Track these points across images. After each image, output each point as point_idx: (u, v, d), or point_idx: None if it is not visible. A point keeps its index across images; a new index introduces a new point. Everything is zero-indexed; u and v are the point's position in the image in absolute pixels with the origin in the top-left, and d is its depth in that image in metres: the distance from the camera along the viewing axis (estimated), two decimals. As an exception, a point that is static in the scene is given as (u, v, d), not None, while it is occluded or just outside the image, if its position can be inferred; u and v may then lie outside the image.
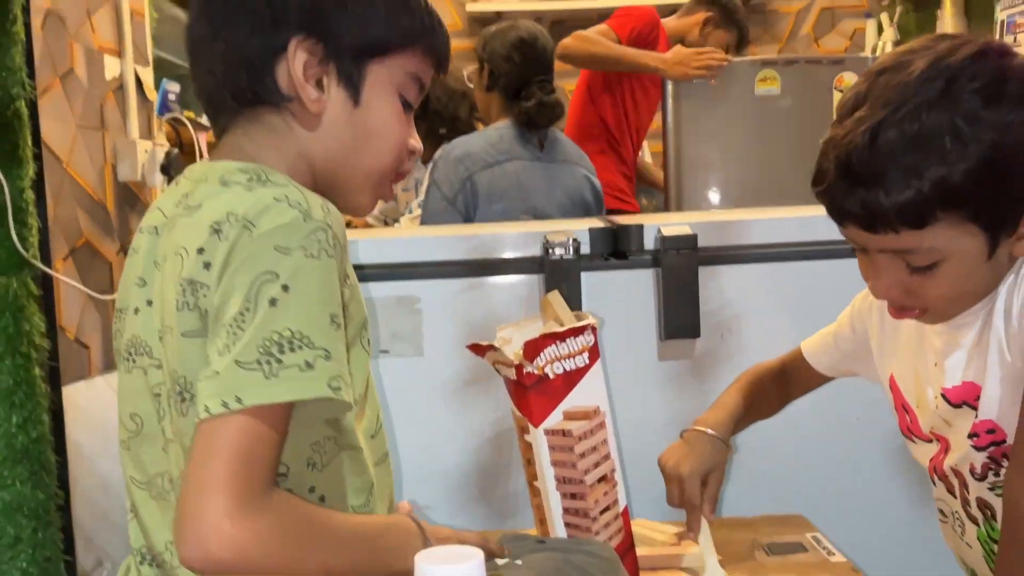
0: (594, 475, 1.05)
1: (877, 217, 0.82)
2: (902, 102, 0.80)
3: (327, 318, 0.74)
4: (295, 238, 0.75)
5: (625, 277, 1.55)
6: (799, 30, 4.20)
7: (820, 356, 1.18)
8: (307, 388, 0.72)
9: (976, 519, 0.96)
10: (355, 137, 0.87)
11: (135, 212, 1.99)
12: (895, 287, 0.87)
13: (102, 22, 1.87)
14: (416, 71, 0.90)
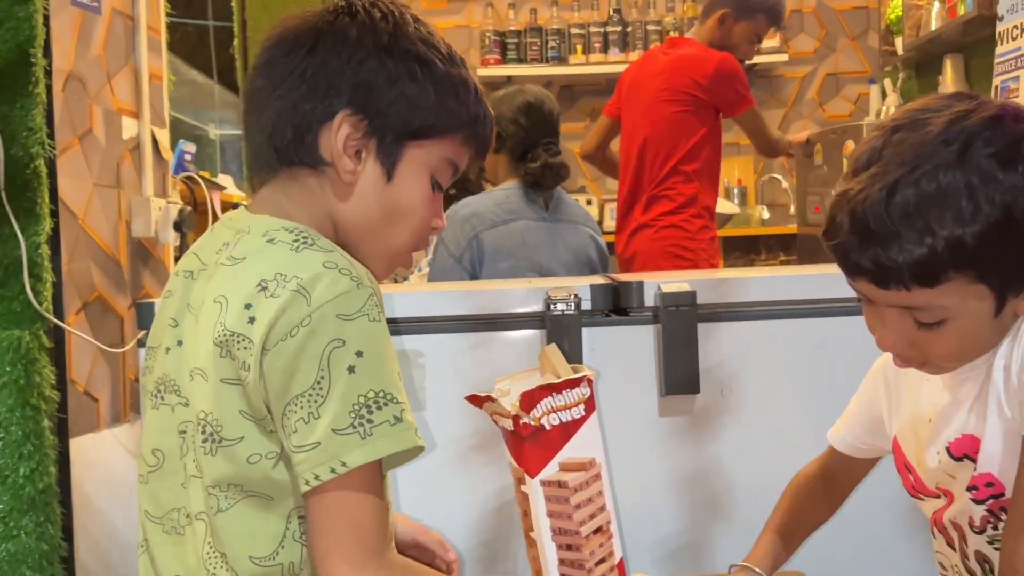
0: (590, 526, 1.05)
1: (890, 274, 0.83)
2: (919, 162, 0.82)
3: (397, 374, 0.81)
4: (354, 305, 0.80)
5: (626, 333, 1.57)
6: (804, 95, 4.27)
7: (847, 440, 1.16)
8: (401, 440, 0.79)
9: (974, 572, 0.96)
10: (382, 211, 0.91)
11: (147, 268, 2.04)
12: (901, 342, 0.89)
13: (121, 85, 1.94)
14: (453, 157, 0.94)
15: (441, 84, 0.90)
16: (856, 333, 1.54)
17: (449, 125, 0.91)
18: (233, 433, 0.81)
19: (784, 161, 4.26)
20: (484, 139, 0.96)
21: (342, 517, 0.77)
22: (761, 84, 4.27)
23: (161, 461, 0.87)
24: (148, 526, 0.88)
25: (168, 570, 0.86)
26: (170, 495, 0.86)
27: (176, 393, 0.86)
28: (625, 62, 4.05)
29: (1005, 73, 1.87)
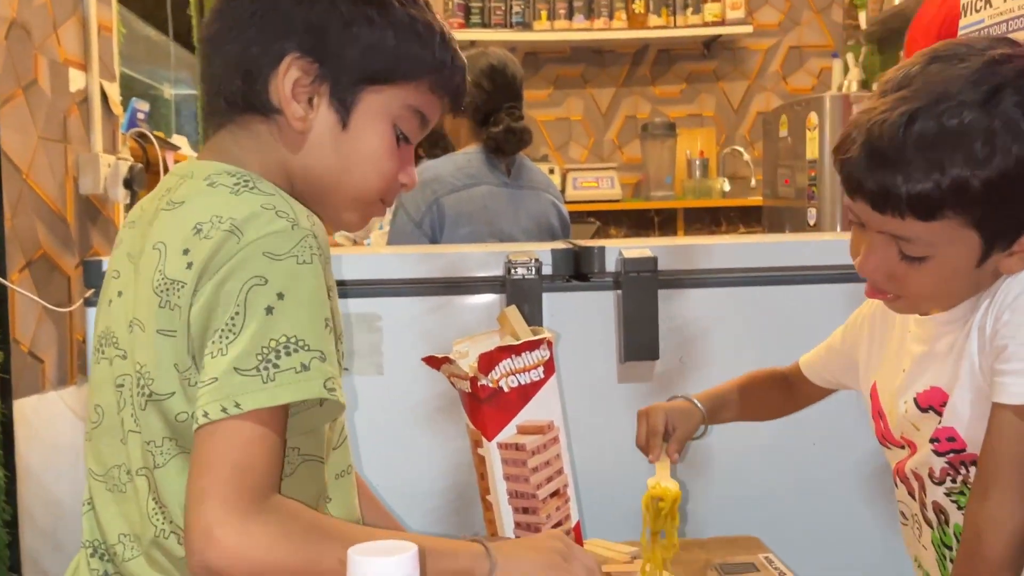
0: (546, 490, 1.04)
1: (889, 199, 0.83)
2: (945, 96, 0.81)
3: (321, 321, 0.76)
4: (285, 245, 0.76)
5: (586, 299, 1.55)
6: (768, 67, 4.28)
7: (815, 368, 1.19)
8: (303, 389, 0.73)
9: (931, 522, 0.97)
10: (338, 161, 0.87)
11: (96, 226, 1.97)
12: (881, 269, 0.89)
13: (68, 35, 1.87)
14: (418, 105, 0.89)
15: (401, 27, 0.85)
16: (815, 301, 1.56)
17: (411, 70, 0.86)
18: (165, 388, 0.77)
19: (746, 133, 4.27)
20: (454, 87, 0.90)
21: (227, 457, 0.70)
22: (725, 56, 4.27)
23: (102, 417, 0.84)
24: (93, 484, 0.85)
25: (112, 528, 0.83)
26: (111, 452, 0.83)
27: (115, 345, 0.83)
28: (590, 29, 4.01)
29: (968, 45, 1.87)
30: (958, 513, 0.93)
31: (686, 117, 4.26)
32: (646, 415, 1.13)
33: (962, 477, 0.92)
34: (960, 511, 0.93)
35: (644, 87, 4.26)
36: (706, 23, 4.03)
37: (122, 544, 0.82)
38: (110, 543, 0.83)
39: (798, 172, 2.96)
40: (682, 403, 1.16)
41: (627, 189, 4.21)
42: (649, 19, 4.04)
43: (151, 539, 0.80)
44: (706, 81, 4.28)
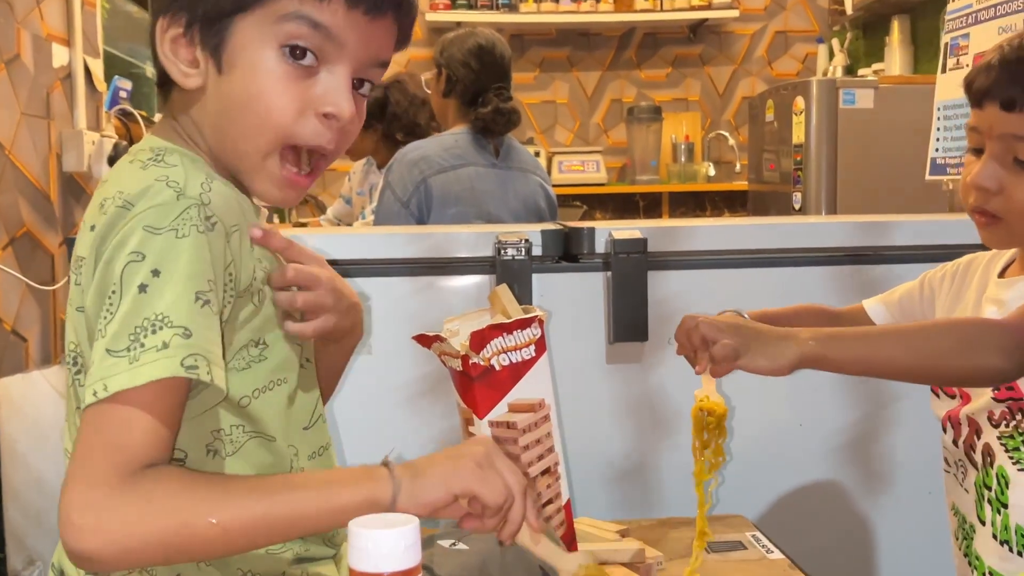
0: (538, 467, 1.04)
1: (1017, 95, 0.90)
2: None
3: (191, 296, 0.71)
4: (166, 218, 0.72)
5: (575, 279, 1.55)
6: (754, 52, 4.28)
7: (880, 311, 1.19)
8: (160, 368, 0.69)
9: (976, 464, 1.01)
10: (223, 111, 0.79)
11: (80, 204, 1.95)
12: (992, 178, 0.94)
13: (51, 9, 1.84)
14: (297, 9, 0.76)
15: None
16: (801, 282, 1.57)
17: None
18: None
19: (731, 118, 4.28)
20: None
21: (93, 441, 0.68)
22: (711, 40, 4.26)
23: (71, 398, 0.83)
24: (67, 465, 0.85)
25: None
26: (72, 430, 0.82)
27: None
28: (576, 11, 4.00)
29: (956, 30, 1.88)
30: (1004, 455, 0.97)
31: (672, 101, 4.26)
32: (692, 322, 1.07)
33: (1015, 423, 0.95)
34: (1007, 454, 0.97)
35: (630, 71, 4.26)
36: (692, 7, 4.03)
37: None
38: None
39: (783, 157, 2.96)
40: (730, 316, 1.11)
41: (612, 173, 4.21)
42: (635, 2, 4.03)
43: None
44: (692, 65, 4.28)
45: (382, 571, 0.49)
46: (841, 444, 1.56)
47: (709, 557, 1.19)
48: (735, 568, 1.16)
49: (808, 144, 2.79)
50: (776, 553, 1.19)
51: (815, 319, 1.21)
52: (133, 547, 0.68)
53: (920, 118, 2.07)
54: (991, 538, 0.98)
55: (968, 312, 1.04)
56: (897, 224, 1.58)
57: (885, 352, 0.87)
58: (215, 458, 0.81)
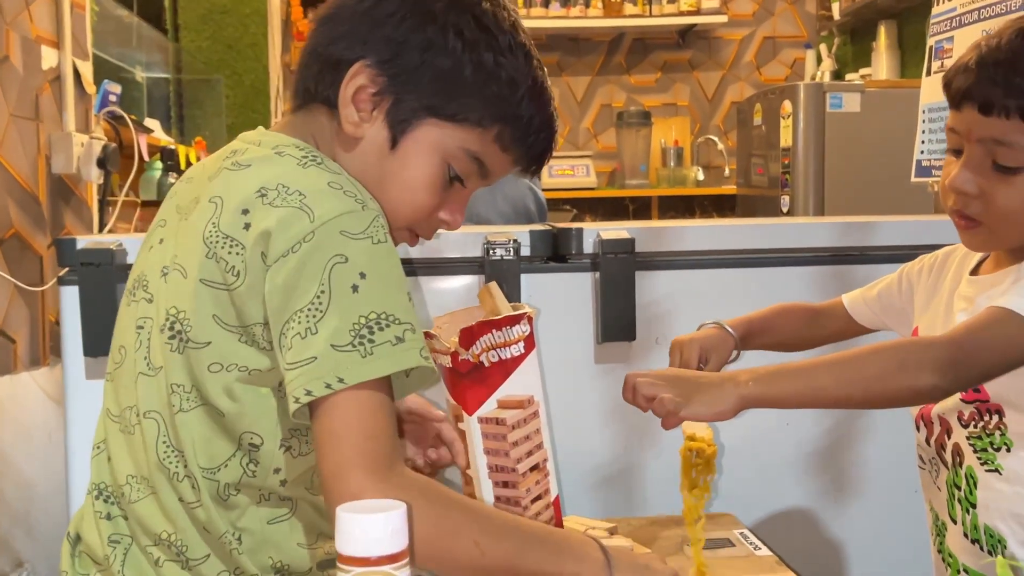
0: (526, 464, 1.05)
1: (996, 101, 0.89)
2: None
3: (405, 295, 0.77)
4: (359, 225, 0.76)
5: (564, 280, 1.56)
6: (743, 57, 4.30)
7: (860, 306, 1.20)
8: (402, 360, 0.74)
9: (947, 463, 1.01)
10: (378, 176, 0.86)
11: (69, 205, 1.95)
12: (971, 182, 0.93)
13: (40, 11, 1.84)
14: (478, 152, 0.86)
15: (482, 68, 0.83)
16: (788, 282, 1.58)
17: (477, 114, 0.84)
18: (201, 336, 0.79)
19: (720, 123, 4.30)
20: (526, 145, 0.87)
21: (354, 428, 0.72)
22: (700, 45, 4.29)
23: (124, 358, 0.85)
24: (109, 425, 0.87)
25: (122, 469, 0.84)
26: (126, 392, 0.84)
27: (144, 289, 0.84)
28: (566, 16, 4.02)
29: (940, 33, 1.90)
30: (972, 455, 0.97)
31: (661, 106, 4.28)
32: (680, 348, 1.13)
33: (983, 424, 0.96)
34: (975, 454, 0.97)
35: (619, 76, 4.28)
36: (681, 12, 4.05)
37: (129, 485, 0.83)
38: (119, 483, 0.84)
39: (771, 161, 2.98)
40: (714, 330, 1.15)
41: (602, 177, 4.22)
42: (625, 7, 4.05)
43: (164, 481, 0.81)
44: (681, 70, 4.30)
45: (369, 555, 0.49)
46: (827, 444, 1.58)
47: (697, 554, 1.19)
48: (723, 564, 1.16)
49: (796, 148, 2.81)
50: (764, 550, 1.20)
51: (794, 318, 1.23)
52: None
53: (906, 121, 2.09)
54: (962, 536, 0.99)
55: (943, 306, 1.04)
56: (880, 225, 1.60)
57: (820, 383, 0.87)
58: (286, 453, 0.83)
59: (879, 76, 3.48)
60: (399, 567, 0.50)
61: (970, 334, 0.87)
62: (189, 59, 3.87)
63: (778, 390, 0.87)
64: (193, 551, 0.82)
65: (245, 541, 0.83)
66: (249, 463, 0.82)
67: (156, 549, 0.82)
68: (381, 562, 0.49)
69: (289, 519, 0.84)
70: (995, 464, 0.95)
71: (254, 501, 0.83)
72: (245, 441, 0.81)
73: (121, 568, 0.83)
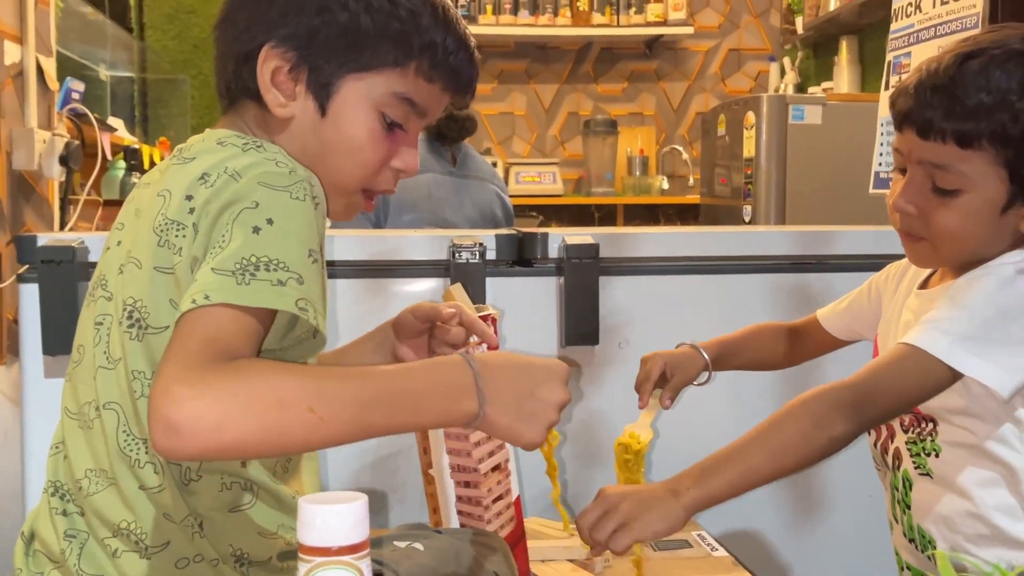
0: (488, 464, 1.06)
1: (934, 125, 0.90)
2: (1001, 45, 0.91)
3: (305, 251, 0.76)
4: (282, 181, 0.77)
5: (529, 284, 1.58)
6: (708, 69, 4.36)
7: (833, 319, 1.22)
8: (274, 300, 0.72)
9: (889, 465, 1.05)
10: (319, 147, 0.87)
11: (30, 203, 1.93)
12: (914, 202, 0.95)
13: (4, 7, 1.82)
14: (405, 91, 0.86)
15: (378, 10, 0.84)
16: (749, 289, 1.61)
17: (391, 56, 0.85)
18: (160, 322, 0.80)
19: (685, 133, 4.35)
20: (451, 70, 0.87)
21: (194, 334, 0.69)
22: (666, 56, 4.34)
23: (82, 356, 0.86)
24: (67, 423, 0.87)
25: (80, 464, 0.84)
26: (85, 389, 0.85)
27: (103, 287, 0.85)
28: (534, 24, 4.04)
29: (898, 49, 1.95)
30: (908, 459, 1.01)
31: (627, 115, 4.32)
32: (646, 361, 1.16)
33: (919, 430, 0.99)
34: (911, 458, 1.00)
35: (587, 84, 4.31)
36: (648, 23, 4.10)
37: (88, 479, 0.83)
38: (76, 478, 0.84)
39: (734, 171, 3.02)
40: (685, 349, 1.18)
41: (568, 185, 4.25)
42: (593, 17, 4.08)
43: (125, 469, 0.81)
44: (647, 80, 4.34)
45: (330, 546, 0.50)
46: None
47: (655, 555, 1.21)
48: (680, 565, 1.18)
49: (758, 158, 2.85)
50: (720, 551, 1.22)
51: (769, 337, 1.26)
52: (228, 421, 0.66)
53: (866, 134, 2.14)
54: (902, 535, 1.03)
55: (894, 316, 1.07)
56: (837, 234, 1.63)
57: (752, 463, 0.88)
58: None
59: (840, 89, 3.54)
60: (359, 558, 0.51)
61: (872, 375, 0.90)
62: (154, 58, 3.84)
63: (717, 487, 0.88)
64: (153, 538, 0.82)
65: (206, 528, 0.83)
66: None
67: (114, 540, 0.82)
68: (342, 552, 0.50)
69: (250, 508, 0.85)
70: (926, 468, 0.98)
71: (216, 488, 0.83)
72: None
73: (77, 562, 0.83)
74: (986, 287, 0.91)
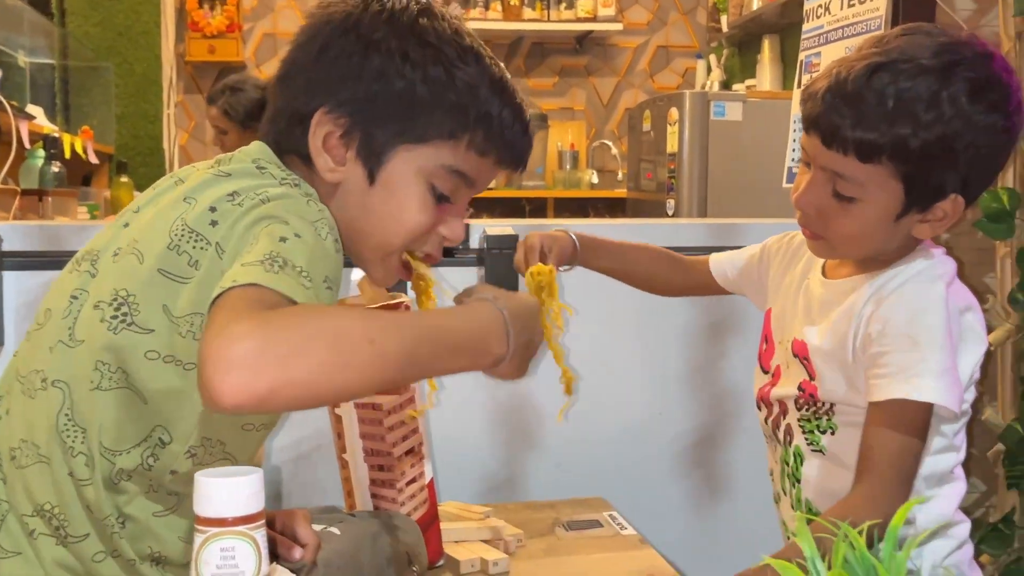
0: (402, 448, 1.08)
1: (837, 136, 0.92)
2: (908, 58, 0.91)
3: (323, 275, 0.75)
4: (310, 216, 0.78)
5: (449, 274, 1.59)
6: (637, 65, 4.43)
7: (724, 266, 1.24)
8: (299, 292, 0.70)
9: (781, 441, 1.08)
10: (364, 214, 0.87)
11: (-59, 192, 1.88)
12: (814, 203, 0.98)
13: (-87, -10, 1.77)
14: (456, 165, 0.86)
15: (436, 83, 0.84)
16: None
17: (445, 128, 0.85)
18: (148, 323, 0.79)
19: (615, 128, 4.41)
20: (502, 142, 0.87)
21: (228, 302, 0.67)
22: (596, 52, 4.40)
23: (47, 320, 0.85)
24: (12, 384, 0.86)
25: (15, 433, 0.83)
26: (40, 356, 0.83)
27: (92, 263, 0.84)
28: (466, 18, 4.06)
29: (809, 49, 2.02)
30: (801, 436, 1.04)
31: (558, 110, 4.37)
32: (524, 240, 1.17)
33: (813, 409, 1.03)
34: (803, 435, 1.04)
35: (518, 78, 4.34)
36: (578, 18, 4.15)
37: (20, 450, 0.82)
38: (10, 446, 0.83)
39: (659, 166, 3.09)
40: (558, 232, 1.19)
41: (500, 178, 4.28)
42: (524, 12, 4.12)
43: (59, 453, 0.81)
44: (578, 75, 4.40)
45: (225, 516, 0.52)
46: (699, 439, 1.66)
47: (566, 535, 1.25)
48: (589, 543, 1.23)
49: (681, 154, 2.92)
50: (629, 530, 1.27)
51: (656, 257, 1.26)
52: (293, 354, 0.63)
53: (783, 130, 2.21)
54: (790, 507, 1.08)
55: (791, 298, 1.10)
56: (749, 226, 1.69)
57: None
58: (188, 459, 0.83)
59: (763, 87, 3.64)
60: (254, 528, 0.53)
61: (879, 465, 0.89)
62: (76, 45, 3.75)
63: None
64: (73, 528, 0.81)
65: (128, 527, 0.83)
66: (150, 456, 0.82)
67: (34, 520, 0.82)
68: (237, 523, 0.52)
69: (174, 512, 0.85)
70: (819, 445, 1.02)
71: (143, 491, 0.83)
72: (156, 435, 0.82)
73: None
74: (937, 318, 0.93)
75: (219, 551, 0.52)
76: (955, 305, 0.96)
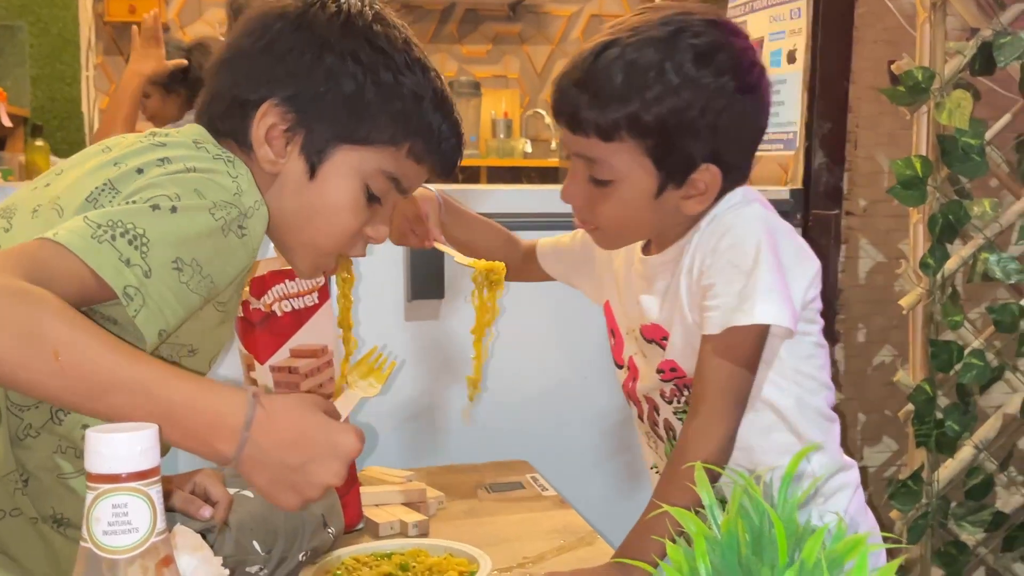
0: (319, 411, 1.07)
1: (577, 120, 0.91)
2: (636, 32, 0.90)
3: (174, 254, 0.75)
4: (214, 194, 0.78)
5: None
6: (570, 34, 4.42)
7: (550, 258, 1.20)
8: (107, 270, 0.71)
9: (663, 437, 1.06)
10: (301, 208, 0.88)
11: None
12: (579, 195, 0.96)
13: None
14: (394, 171, 0.88)
15: (384, 89, 0.86)
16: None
17: (388, 133, 0.87)
18: None
19: (548, 97, 4.41)
20: (439, 154, 0.90)
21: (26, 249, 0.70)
22: (530, 20, 4.37)
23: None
24: None
25: None
26: None
27: (8, 219, 0.83)
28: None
29: (737, 18, 2.04)
30: (680, 426, 1.02)
31: (491, 78, 4.34)
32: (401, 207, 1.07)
33: (684, 399, 1.01)
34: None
35: (451, 45, 4.30)
36: (512, -15, 4.12)
37: None
38: None
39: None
40: (427, 192, 1.13)
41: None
42: (456, -23, 4.07)
43: None
44: (511, 43, 4.37)
45: (118, 472, 0.51)
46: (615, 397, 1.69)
47: (489, 496, 1.26)
48: (510, 504, 1.24)
49: (612, 122, 2.93)
50: (550, 491, 1.28)
51: (496, 235, 1.21)
52: None
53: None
54: None
55: (622, 286, 1.07)
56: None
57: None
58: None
59: (693, 58, 3.67)
60: (148, 484, 0.52)
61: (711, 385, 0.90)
62: (-13, 3, 3.59)
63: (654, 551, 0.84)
64: None
65: (31, 485, 0.81)
66: (59, 411, 0.80)
67: None
68: (131, 479, 0.51)
69: (80, 476, 0.83)
70: None
71: (51, 450, 0.81)
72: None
73: None
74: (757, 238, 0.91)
75: (111, 507, 0.51)
76: (777, 223, 0.94)
